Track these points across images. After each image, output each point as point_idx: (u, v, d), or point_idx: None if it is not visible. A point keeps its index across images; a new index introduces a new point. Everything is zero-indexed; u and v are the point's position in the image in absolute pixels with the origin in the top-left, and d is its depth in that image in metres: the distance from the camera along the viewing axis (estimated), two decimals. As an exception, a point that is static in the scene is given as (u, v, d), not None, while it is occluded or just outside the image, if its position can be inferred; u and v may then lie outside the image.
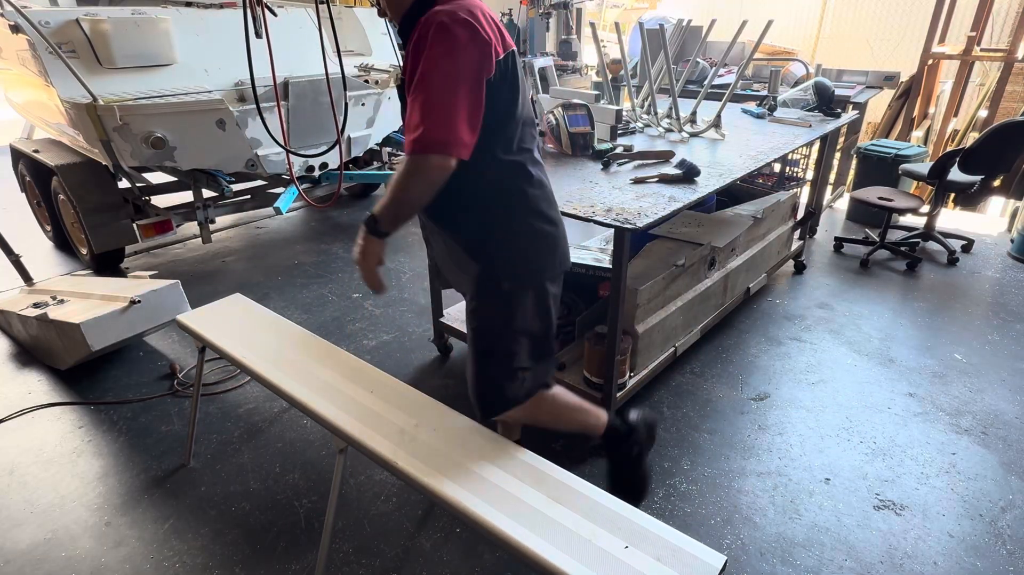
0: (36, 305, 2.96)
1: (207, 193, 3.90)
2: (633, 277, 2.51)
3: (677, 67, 4.41)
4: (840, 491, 2.23)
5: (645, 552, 1.30)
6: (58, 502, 2.19)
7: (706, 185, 2.41)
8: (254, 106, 2.90)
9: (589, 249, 3.36)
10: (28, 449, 2.45)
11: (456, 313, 2.98)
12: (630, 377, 2.49)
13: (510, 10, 6.96)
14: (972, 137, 5.14)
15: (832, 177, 5.01)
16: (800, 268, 3.98)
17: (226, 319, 2.27)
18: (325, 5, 3.32)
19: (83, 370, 2.93)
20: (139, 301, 2.81)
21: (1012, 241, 4.32)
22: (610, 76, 3.60)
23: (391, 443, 1.62)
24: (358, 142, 4.16)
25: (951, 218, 5.02)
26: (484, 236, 1.58)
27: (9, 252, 3.36)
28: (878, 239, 4.16)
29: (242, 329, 2.18)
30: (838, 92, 4.18)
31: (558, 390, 1.77)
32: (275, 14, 3.43)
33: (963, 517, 2.12)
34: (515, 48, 1.50)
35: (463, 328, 2.75)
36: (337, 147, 3.05)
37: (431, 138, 1.34)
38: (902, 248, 4.14)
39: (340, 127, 3.01)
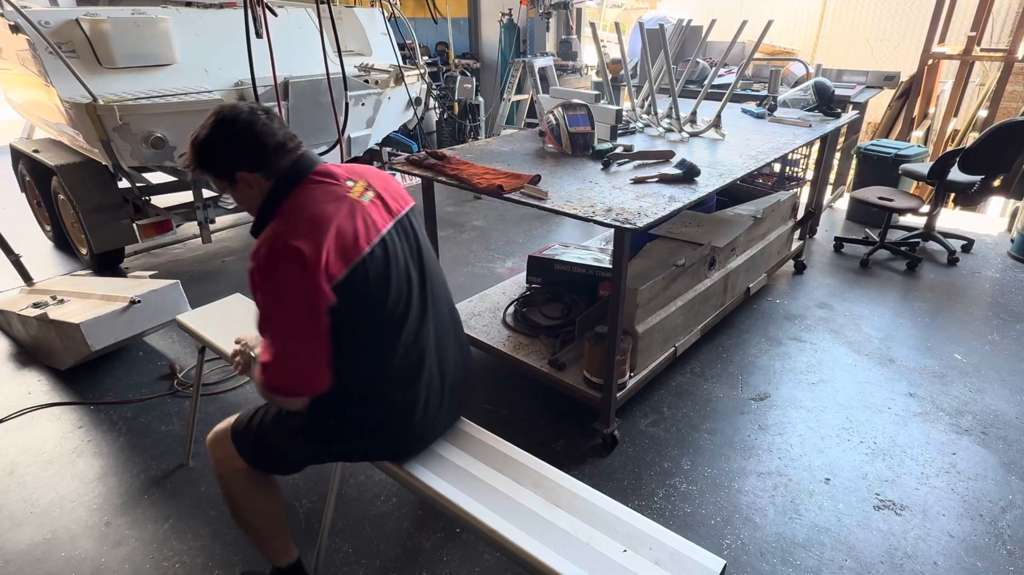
0: (36, 305, 2.96)
1: (207, 193, 3.90)
2: (633, 277, 2.50)
3: (677, 67, 4.40)
4: (840, 491, 2.23)
5: (644, 556, 1.30)
6: (58, 502, 2.19)
7: (706, 185, 2.41)
8: (254, 106, 2.90)
9: (589, 249, 3.36)
10: (28, 449, 2.45)
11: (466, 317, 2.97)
12: (630, 377, 2.48)
13: (510, 10, 6.94)
14: (972, 137, 5.13)
15: (832, 177, 5.01)
16: (800, 268, 3.98)
17: (226, 319, 2.27)
18: (325, 5, 3.32)
19: (83, 370, 2.93)
20: (139, 301, 2.82)
21: (1012, 241, 4.32)
22: (610, 76, 3.60)
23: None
24: (358, 142, 4.16)
25: (951, 218, 5.02)
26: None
27: (9, 252, 3.36)
28: (878, 239, 4.15)
29: (242, 329, 2.16)
30: (838, 92, 4.18)
31: (276, 496, 1.69)
32: (275, 14, 3.44)
33: (963, 517, 2.12)
34: (377, 240, 1.38)
35: (473, 334, 2.76)
36: (338, 147, 3.05)
37: (280, 385, 1.36)
38: (902, 248, 4.14)
39: (341, 127, 3.01)
